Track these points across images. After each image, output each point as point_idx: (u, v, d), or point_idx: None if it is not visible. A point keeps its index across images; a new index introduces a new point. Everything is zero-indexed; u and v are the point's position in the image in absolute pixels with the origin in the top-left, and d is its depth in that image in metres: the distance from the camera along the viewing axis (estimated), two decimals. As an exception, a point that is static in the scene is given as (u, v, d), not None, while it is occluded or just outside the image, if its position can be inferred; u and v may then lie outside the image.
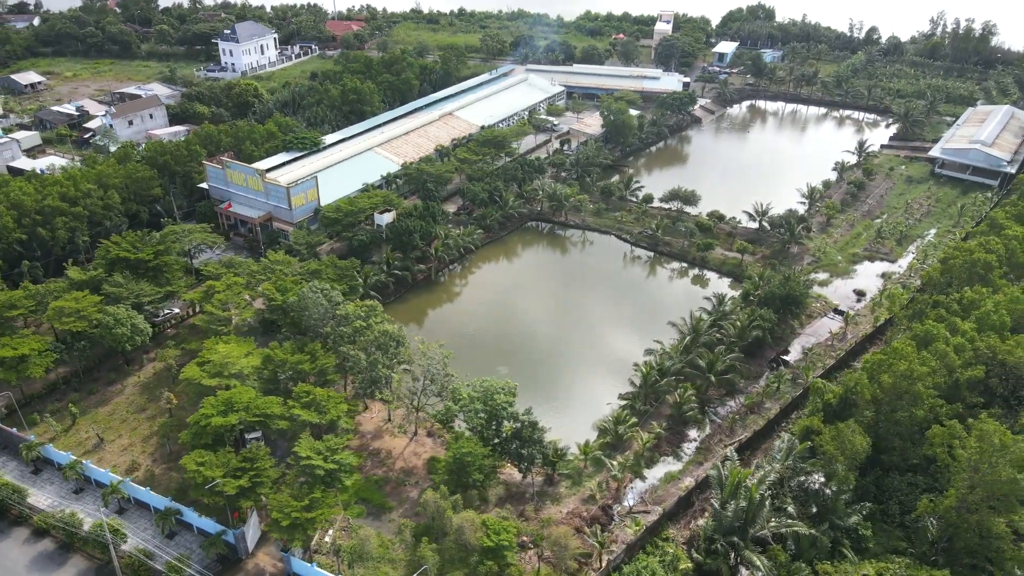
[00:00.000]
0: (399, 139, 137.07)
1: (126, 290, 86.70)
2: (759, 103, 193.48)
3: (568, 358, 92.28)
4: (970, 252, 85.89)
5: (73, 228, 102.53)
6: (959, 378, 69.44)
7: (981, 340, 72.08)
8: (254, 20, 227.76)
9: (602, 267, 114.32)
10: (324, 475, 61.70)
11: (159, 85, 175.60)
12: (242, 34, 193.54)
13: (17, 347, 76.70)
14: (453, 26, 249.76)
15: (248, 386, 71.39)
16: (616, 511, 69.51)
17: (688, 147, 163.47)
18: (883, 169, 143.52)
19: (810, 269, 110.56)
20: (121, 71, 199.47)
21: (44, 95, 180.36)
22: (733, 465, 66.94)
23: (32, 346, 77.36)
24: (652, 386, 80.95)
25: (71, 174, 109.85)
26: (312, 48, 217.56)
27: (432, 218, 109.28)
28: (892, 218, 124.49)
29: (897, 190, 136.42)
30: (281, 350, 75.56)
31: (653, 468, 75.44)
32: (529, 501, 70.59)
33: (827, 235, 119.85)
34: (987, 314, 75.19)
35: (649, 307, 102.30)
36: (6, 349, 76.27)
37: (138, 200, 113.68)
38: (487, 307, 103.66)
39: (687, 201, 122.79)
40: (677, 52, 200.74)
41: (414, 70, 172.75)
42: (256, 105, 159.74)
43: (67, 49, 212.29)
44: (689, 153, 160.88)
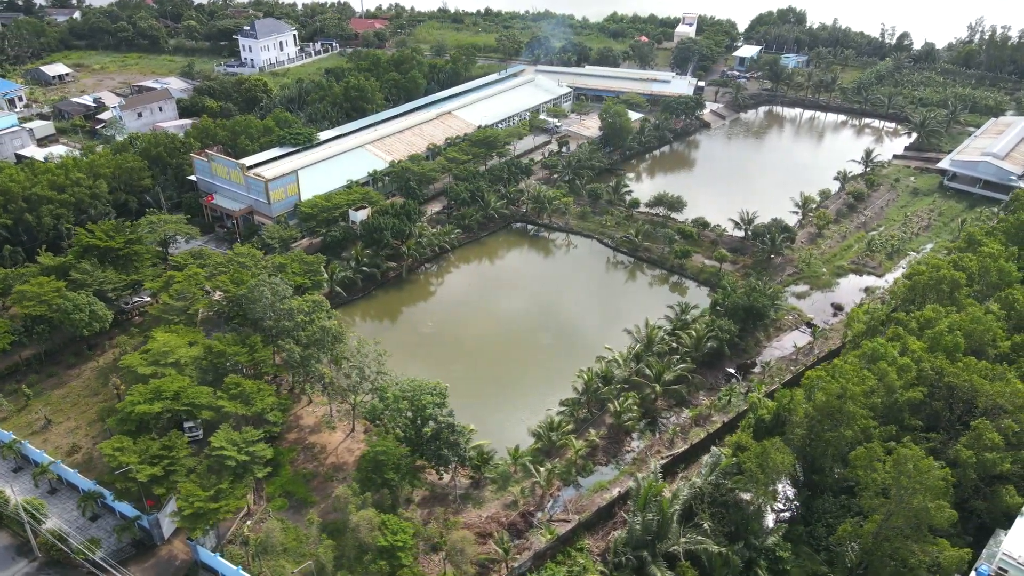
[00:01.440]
0: (392, 137, 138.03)
1: (90, 277, 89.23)
2: (776, 109, 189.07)
3: (525, 361, 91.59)
4: (937, 269, 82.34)
5: (58, 215, 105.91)
6: (898, 399, 66.61)
7: (928, 361, 69.02)
8: (276, 17, 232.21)
9: (579, 271, 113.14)
10: (235, 466, 62.46)
11: (176, 79, 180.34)
12: (261, 31, 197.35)
13: (-25, 328, 79.68)
14: (477, 26, 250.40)
15: (185, 375, 72.76)
16: (537, 518, 68.69)
17: (692, 152, 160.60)
18: (889, 180, 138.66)
19: (790, 280, 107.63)
20: (147, 65, 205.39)
21: (70, 87, 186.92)
22: (651, 478, 65.54)
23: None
24: (594, 393, 79.79)
25: (64, 163, 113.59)
26: (333, 45, 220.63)
27: (407, 216, 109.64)
28: (887, 231, 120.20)
29: (900, 202, 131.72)
30: (221, 341, 76.75)
31: (589, 477, 74.37)
32: (451, 503, 70.31)
33: (815, 246, 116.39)
34: (940, 334, 71.96)
35: (619, 313, 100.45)
36: (-35, 329, 79.37)
37: (128, 190, 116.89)
38: (452, 307, 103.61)
39: (672, 207, 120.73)
40: (694, 55, 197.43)
41: (422, 69, 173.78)
42: (264, 100, 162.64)
43: (99, 43, 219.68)
44: (692, 158, 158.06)
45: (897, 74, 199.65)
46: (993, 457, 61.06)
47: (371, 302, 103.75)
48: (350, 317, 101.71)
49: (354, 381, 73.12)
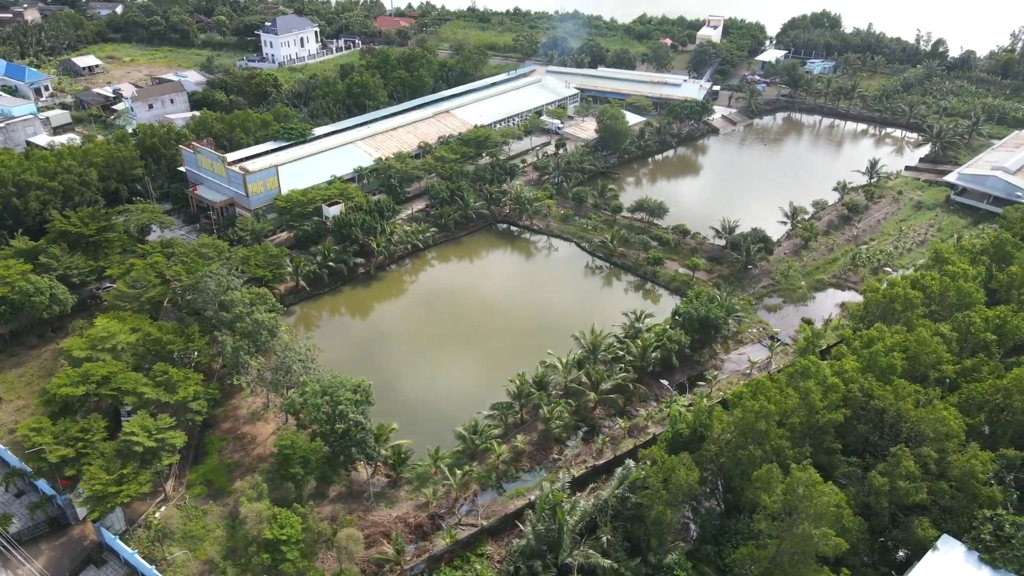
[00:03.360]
0: (385, 134, 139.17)
1: (57, 262, 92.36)
2: (794, 116, 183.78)
3: (476, 363, 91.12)
4: (892, 287, 78.84)
5: (45, 201, 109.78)
6: (819, 420, 63.97)
7: (858, 382, 66.11)
8: (305, 14, 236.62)
9: (552, 275, 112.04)
10: (143, 452, 63.80)
11: (194, 72, 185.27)
12: (282, 27, 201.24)
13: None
14: (503, 25, 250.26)
15: (121, 361, 74.67)
16: (447, 521, 68.29)
17: (695, 158, 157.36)
18: (892, 192, 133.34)
19: (763, 292, 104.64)
20: (175, 59, 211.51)
21: (98, 78, 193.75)
22: (555, 487, 64.47)
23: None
24: (526, 398, 78.92)
25: (58, 151, 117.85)
26: (355, 43, 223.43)
27: (379, 213, 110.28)
28: (878, 245, 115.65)
29: (900, 216, 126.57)
30: (160, 330, 78.49)
31: (513, 483, 73.62)
32: (365, 501, 70.48)
33: (798, 258, 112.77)
34: (876, 355, 68.87)
35: (584, 318, 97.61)
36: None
37: (120, 179, 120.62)
38: (415, 305, 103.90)
39: (653, 213, 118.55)
40: (712, 59, 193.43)
41: (430, 68, 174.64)
42: (273, 95, 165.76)
43: (133, 36, 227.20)
44: (693, 164, 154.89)
45: (927, 82, 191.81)
46: (906, 486, 58.19)
47: (336, 297, 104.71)
48: (317, 311, 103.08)
49: (279, 375, 73.79)
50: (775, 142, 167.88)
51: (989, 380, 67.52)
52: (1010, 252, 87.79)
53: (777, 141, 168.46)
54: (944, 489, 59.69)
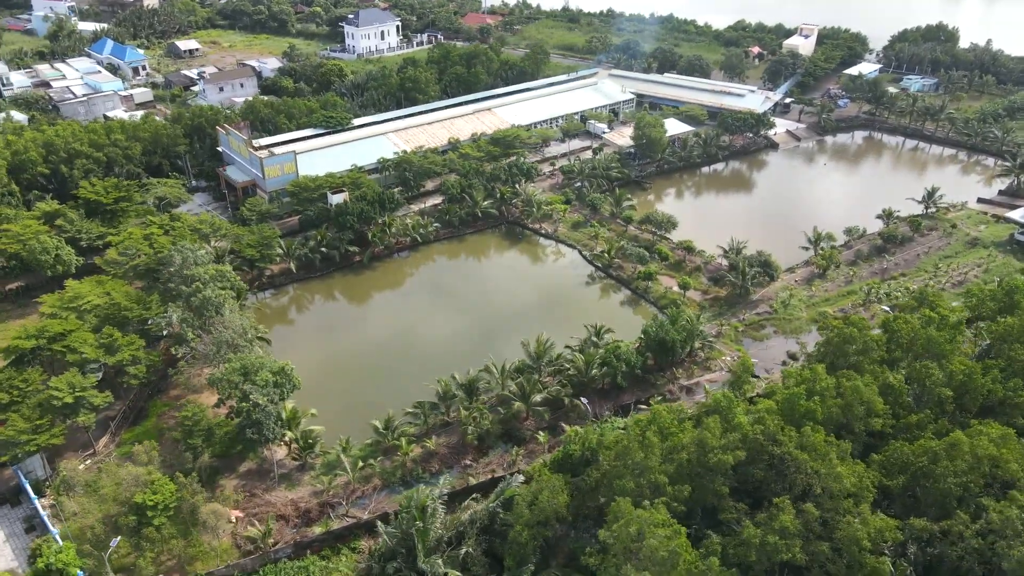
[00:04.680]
0: (418, 128, 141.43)
1: (71, 225, 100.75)
2: (875, 135, 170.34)
3: (429, 360, 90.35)
4: (848, 326, 71.86)
5: (89, 170, 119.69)
6: (708, 460, 59.51)
7: (766, 424, 60.88)
8: (392, 8, 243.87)
9: (544, 281, 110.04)
10: (60, 406, 68.70)
11: (275, 60, 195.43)
12: (362, 19, 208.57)
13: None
14: (591, 26, 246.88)
15: (84, 322, 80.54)
16: (336, 511, 69.10)
17: (745, 173, 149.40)
18: (946, 225, 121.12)
19: (755, 320, 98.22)
20: (269, 46, 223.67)
21: (196, 61, 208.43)
22: (431, 492, 63.67)
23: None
24: (451, 400, 78.35)
25: (109, 125, 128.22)
26: (438, 38, 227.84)
27: (380, 205, 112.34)
28: (905, 282, 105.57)
29: (947, 251, 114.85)
30: (124, 296, 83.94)
31: (420, 482, 73.22)
32: (269, 480, 72.53)
33: (808, 287, 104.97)
34: (796, 398, 63.14)
35: (558, 328, 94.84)
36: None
37: (163, 154, 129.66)
38: (393, 297, 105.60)
39: (660, 227, 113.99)
40: (790, 70, 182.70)
41: (490, 65, 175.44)
42: (336, 84, 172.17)
43: (238, 23, 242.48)
44: (739, 179, 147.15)
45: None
46: (776, 542, 53.22)
47: (324, 282, 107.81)
48: (302, 294, 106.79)
49: (211, 350, 77.07)
50: (841, 162, 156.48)
51: (921, 441, 60.41)
52: (1019, 301, 77.77)
53: (844, 161, 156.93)
54: (823, 552, 54.04)
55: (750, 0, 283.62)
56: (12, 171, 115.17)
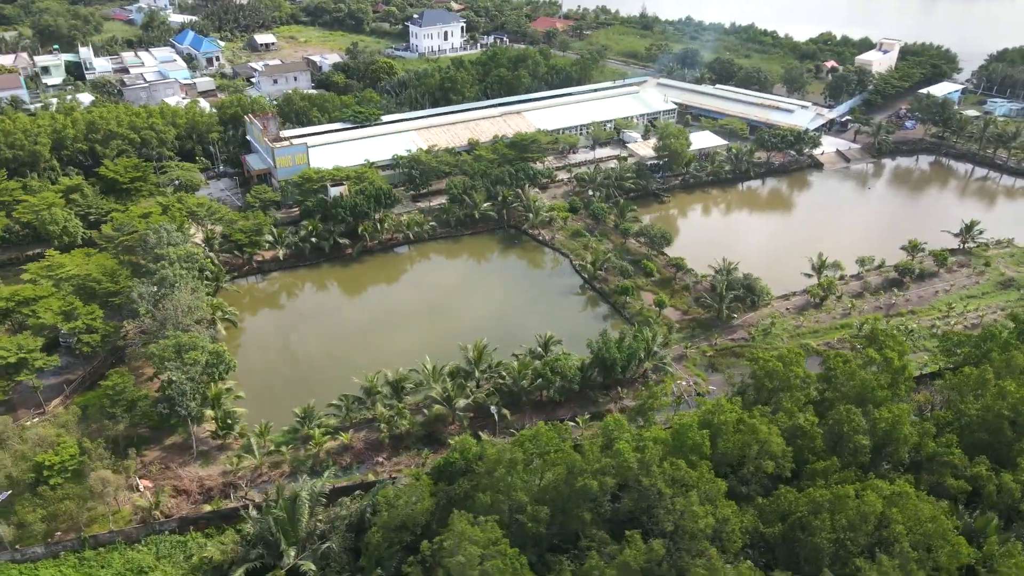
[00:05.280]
0: (441, 128, 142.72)
1: (84, 199, 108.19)
2: (942, 160, 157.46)
3: (384, 354, 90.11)
4: (774, 359, 66.82)
5: (123, 150, 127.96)
6: (573, 486, 57.00)
7: (649, 453, 57.64)
8: (474, 11, 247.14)
9: (531, 288, 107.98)
10: (4, 365, 74.01)
11: (336, 55, 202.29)
12: (426, 20, 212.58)
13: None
14: (664, 33, 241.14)
15: (60, 290, 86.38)
16: (236, 493, 70.93)
17: (780, 192, 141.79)
18: (978, 262, 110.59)
19: (728, 345, 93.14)
20: (342, 42, 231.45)
21: (271, 54, 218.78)
22: (311, 483, 64.23)
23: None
24: (373, 395, 78.73)
25: (151, 110, 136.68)
26: (503, 40, 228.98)
27: (376, 200, 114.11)
28: (910, 320, 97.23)
29: (971, 291, 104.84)
30: (97, 269, 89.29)
31: (327, 473, 73.93)
32: (187, 454, 75.33)
33: (801, 316, 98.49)
34: (685, 430, 59.39)
35: (531, 337, 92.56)
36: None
37: (197, 140, 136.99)
38: (372, 291, 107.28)
39: (654, 242, 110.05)
40: (854, 87, 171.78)
41: (536, 68, 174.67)
42: (384, 81, 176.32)
43: (318, 20, 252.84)
44: (769, 198, 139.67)
45: None
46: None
47: (310, 271, 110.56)
48: (287, 280, 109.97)
49: (155, 326, 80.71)
50: (892, 187, 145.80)
51: (810, 490, 55.53)
52: (991, 350, 70.02)
53: (896, 186, 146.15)
54: (662, 595, 50.72)
55: (857, 13, 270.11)
56: (55, 147, 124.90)
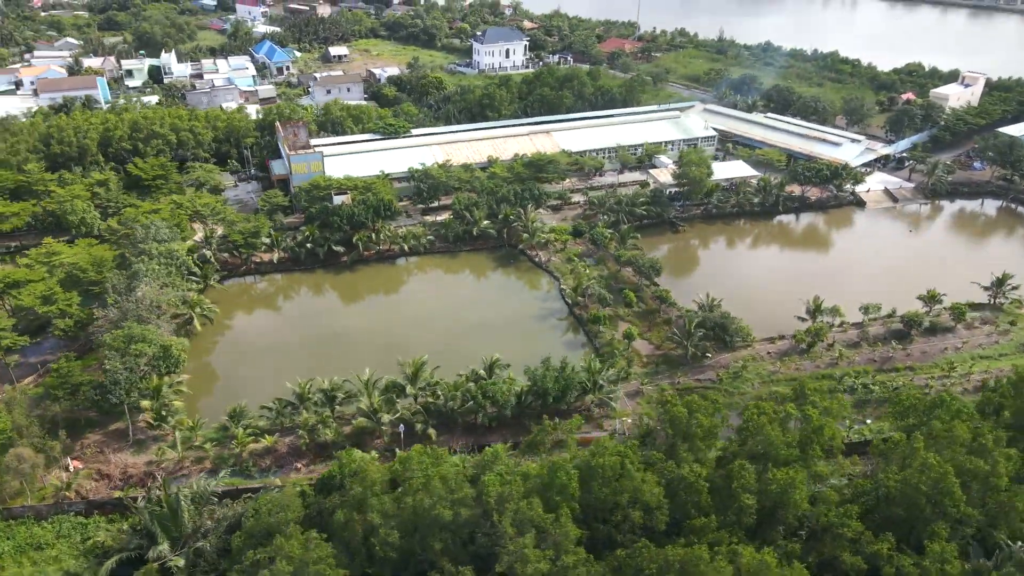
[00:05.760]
0: (464, 143, 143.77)
1: (106, 193, 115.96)
2: (1013, 207, 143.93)
3: (349, 363, 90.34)
4: (681, 404, 62.79)
5: (161, 150, 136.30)
6: (428, 511, 55.60)
7: (513, 487, 55.57)
8: (547, 32, 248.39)
9: (515, 309, 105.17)
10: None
11: (395, 68, 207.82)
12: (488, 37, 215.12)
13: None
14: (739, 58, 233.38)
15: (53, 277, 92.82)
16: (154, 483, 73.47)
17: (809, 229, 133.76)
18: (1004, 320, 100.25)
19: (690, 385, 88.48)
20: (409, 56, 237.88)
21: (342, 65, 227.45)
22: (205, 482, 65.78)
23: (12, 209, 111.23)
24: (304, 402, 79.80)
25: (194, 113, 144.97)
26: (568, 60, 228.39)
27: (374, 211, 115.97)
28: (898, 377, 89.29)
29: (987, 351, 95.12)
30: (86, 259, 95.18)
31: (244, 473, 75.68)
32: (124, 440, 78.83)
33: (781, 362, 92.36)
34: (557, 468, 56.65)
35: (471, 357, 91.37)
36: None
37: (234, 144, 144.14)
38: (356, 300, 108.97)
39: (641, 271, 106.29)
40: (918, 121, 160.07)
41: (582, 89, 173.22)
42: (432, 95, 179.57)
43: (396, 35, 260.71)
44: (799, 235, 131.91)
45: None
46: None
47: (305, 276, 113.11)
48: (285, 284, 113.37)
49: (117, 316, 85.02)
50: (941, 231, 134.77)
51: (669, 547, 51.74)
52: (939, 418, 63.00)
53: (946, 231, 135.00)
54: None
55: (967, 45, 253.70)
56: (102, 144, 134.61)
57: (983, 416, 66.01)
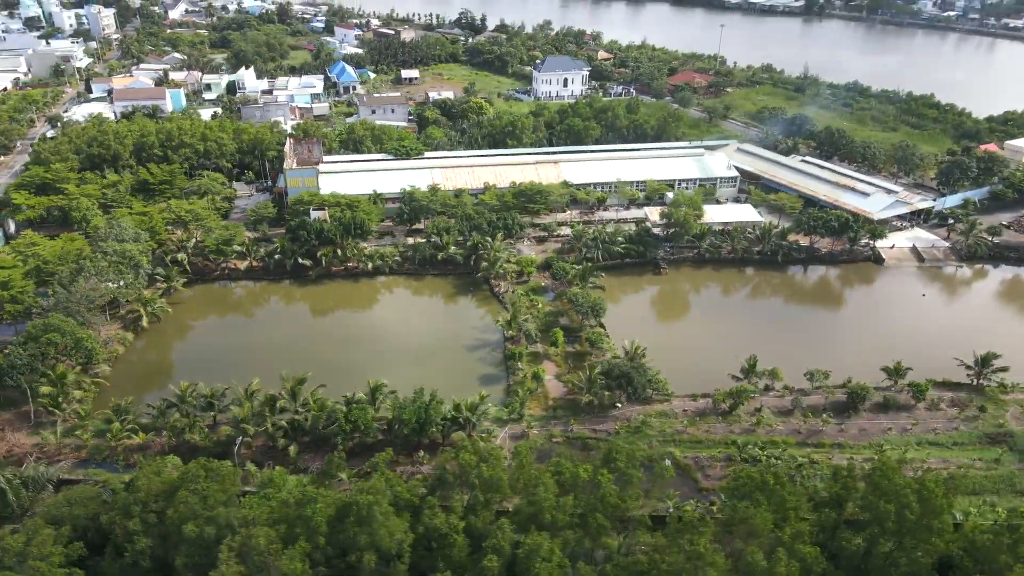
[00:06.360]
0: (464, 168, 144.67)
1: (113, 194, 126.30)
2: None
3: (266, 369, 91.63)
4: (469, 452, 59.39)
5: (188, 157, 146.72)
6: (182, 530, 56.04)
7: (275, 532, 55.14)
8: (601, 58, 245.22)
9: (459, 337, 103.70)
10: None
11: (451, 92, 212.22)
12: (546, 66, 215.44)
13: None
14: (820, 96, 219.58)
15: (27, 265, 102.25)
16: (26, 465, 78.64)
17: (809, 283, 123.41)
18: (973, 407, 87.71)
19: (582, 435, 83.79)
20: (482, 82, 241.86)
21: (412, 88, 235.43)
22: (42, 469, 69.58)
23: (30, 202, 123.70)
24: (183, 404, 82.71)
25: (222, 125, 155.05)
26: (630, 91, 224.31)
27: (345, 229, 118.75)
28: (813, 452, 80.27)
29: (941, 438, 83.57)
30: (54, 252, 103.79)
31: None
32: (28, 422, 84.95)
33: (694, 422, 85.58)
34: (306, 502, 55.43)
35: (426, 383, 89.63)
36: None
37: (256, 155, 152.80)
38: (308, 312, 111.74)
39: (581, 310, 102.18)
40: (977, 175, 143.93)
41: (615, 121, 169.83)
42: (471, 120, 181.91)
43: (474, 60, 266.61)
44: (795, 288, 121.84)
45: None
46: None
47: (270, 285, 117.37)
48: (254, 292, 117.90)
49: (51, 306, 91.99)
50: (969, 300, 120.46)
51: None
52: (741, 509, 55.99)
53: (974, 299, 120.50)
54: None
55: None
56: (136, 149, 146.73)
57: (816, 507, 58.09)
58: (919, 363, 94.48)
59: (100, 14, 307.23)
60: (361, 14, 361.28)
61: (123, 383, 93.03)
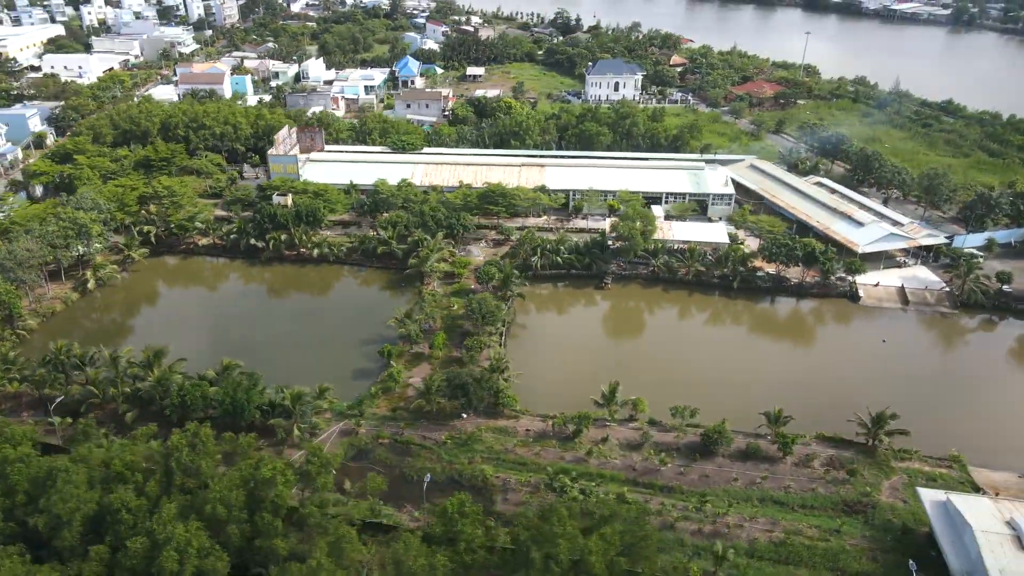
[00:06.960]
0: (445, 166, 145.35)
1: (117, 168, 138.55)
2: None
3: (179, 340, 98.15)
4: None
5: (206, 137, 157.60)
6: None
7: None
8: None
9: (363, 330, 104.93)
10: None
11: (497, 91, 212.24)
12: (597, 69, 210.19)
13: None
14: (898, 115, 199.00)
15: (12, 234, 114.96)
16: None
17: (761, 312, 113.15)
18: (864, 470, 77.30)
19: (409, 439, 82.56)
20: (547, 82, 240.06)
21: (474, 85, 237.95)
22: None
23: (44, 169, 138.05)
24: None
25: (247, 110, 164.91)
26: (688, 99, 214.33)
27: (300, 217, 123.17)
28: (625, 494, 74.25)
29: (783, 497, 74.67)
30: (32, 216, 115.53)
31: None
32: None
33: (523, 443, 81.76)
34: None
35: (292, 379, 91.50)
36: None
37: (268, 140, 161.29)
38: (240, 288, 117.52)
39: (471, 316, 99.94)
40: (1006, 213, 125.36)
41: (632, 129, 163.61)
42: (499, 118, 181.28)
43: (548, 60, 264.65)
44: (735, 317, 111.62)
45: None
46: None
47: (229, 264, 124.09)
48: (207, 267, 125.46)
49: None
50: (925, 349, 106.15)
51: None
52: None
53: (937, 351, 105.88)
54: None
55: None
56: (163, 128, 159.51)
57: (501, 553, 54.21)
58: (829, 414, 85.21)
59: (224, 4, 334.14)
60: (471, 11, 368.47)
61: (47, 338, 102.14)
